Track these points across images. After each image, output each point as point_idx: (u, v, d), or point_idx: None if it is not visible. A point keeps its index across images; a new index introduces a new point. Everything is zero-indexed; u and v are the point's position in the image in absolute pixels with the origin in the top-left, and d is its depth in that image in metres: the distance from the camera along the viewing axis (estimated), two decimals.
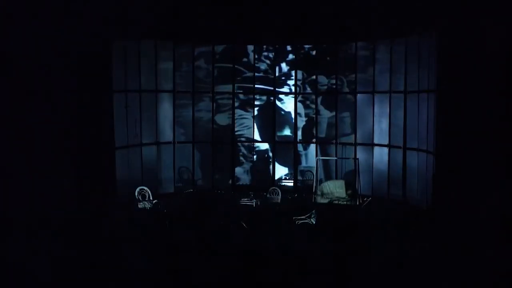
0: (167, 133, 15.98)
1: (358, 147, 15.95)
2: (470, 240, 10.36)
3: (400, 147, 14.81)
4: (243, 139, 16.97)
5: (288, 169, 17.05)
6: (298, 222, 12.48)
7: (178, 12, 14.83)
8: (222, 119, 16.74)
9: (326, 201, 14.32)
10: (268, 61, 16.84)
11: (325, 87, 16.65)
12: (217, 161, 16.63)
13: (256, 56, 16.73)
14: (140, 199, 13.72)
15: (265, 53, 16.81)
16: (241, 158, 17.09)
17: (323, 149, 16.80)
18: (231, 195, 15.58)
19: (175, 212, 13.02)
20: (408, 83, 14.58)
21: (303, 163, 17.06)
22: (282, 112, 17.02)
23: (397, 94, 14.95)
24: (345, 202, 14.23)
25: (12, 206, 11.53)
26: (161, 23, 14.70)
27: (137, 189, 13.82)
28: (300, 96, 16.81)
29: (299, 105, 16.85)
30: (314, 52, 16.71)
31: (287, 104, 16.94)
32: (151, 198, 13.80)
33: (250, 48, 16.68)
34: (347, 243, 10.75)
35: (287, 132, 17.05)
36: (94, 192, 12.68)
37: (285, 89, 16.93)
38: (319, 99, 16.68)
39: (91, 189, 12.66)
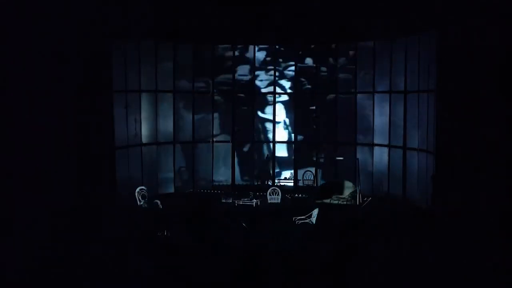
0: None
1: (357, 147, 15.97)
2: (470, 240, 10.36)
3: (400, 147, 14.82)
4: None
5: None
6: (298, 222, 12.48)
7: (178, 12, 14.83)
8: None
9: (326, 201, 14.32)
10: None
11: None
12: None
13: None
14: (140, 199, 13.76)
15: None
16: None
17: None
18: None
19: (175, 212, 13.01)
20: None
21: None
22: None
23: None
24: (345, 202, 14.22)
25: (12, 206, 11.54)
26: (161, 23, 14.70)
27: (137, 189, 13.85)
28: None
29: None
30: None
31: None
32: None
33: None
34: (347, 243, 10.74)
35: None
36: (94, 192, 12.69)
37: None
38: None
39: (91, 189, 12.66)
